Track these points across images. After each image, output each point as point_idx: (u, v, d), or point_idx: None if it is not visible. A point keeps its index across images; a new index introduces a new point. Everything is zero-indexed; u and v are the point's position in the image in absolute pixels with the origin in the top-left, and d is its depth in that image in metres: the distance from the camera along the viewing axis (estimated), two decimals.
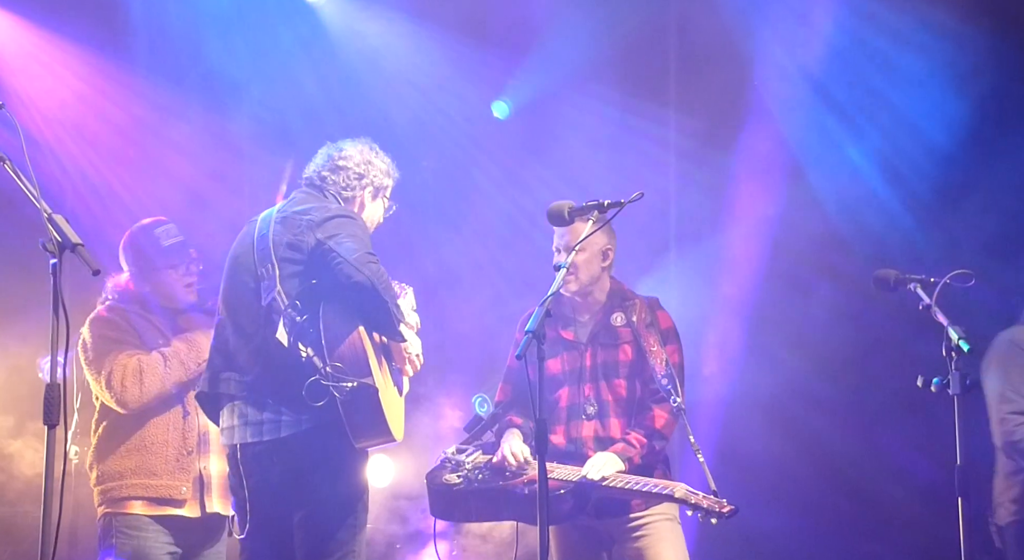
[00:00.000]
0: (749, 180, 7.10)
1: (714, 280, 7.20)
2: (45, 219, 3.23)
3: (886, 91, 6.81)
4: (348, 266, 3.85)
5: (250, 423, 3.96)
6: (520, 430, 4.58)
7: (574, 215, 4.07)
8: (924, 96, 6.63)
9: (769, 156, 7.00)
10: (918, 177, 6.67)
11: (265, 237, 4.03)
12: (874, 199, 6.77)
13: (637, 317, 4.58)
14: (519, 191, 7.69)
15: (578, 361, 4.60)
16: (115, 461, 4.71)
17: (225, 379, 4.01)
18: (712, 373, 6.91)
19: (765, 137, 7.01)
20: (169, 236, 4.91)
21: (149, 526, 4.68)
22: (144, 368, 4.66)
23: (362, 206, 4.27)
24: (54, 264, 3.20)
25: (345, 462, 3.97)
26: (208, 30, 7.06)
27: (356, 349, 3.89)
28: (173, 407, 4.74)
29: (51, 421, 3.19)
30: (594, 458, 4.39)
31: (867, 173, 6.83)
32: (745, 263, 7.15)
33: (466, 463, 4.50)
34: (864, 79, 6.86)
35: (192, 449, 4.74)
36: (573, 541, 4.58)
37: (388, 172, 4.36)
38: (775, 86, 7.05)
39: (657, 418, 4.46)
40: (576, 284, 4.59)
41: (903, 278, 4.28)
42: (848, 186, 6.82)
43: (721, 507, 4.14)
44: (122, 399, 4.65)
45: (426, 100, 7.66)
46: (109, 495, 4.71)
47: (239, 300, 4.04)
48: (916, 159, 6.69)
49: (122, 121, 7.01)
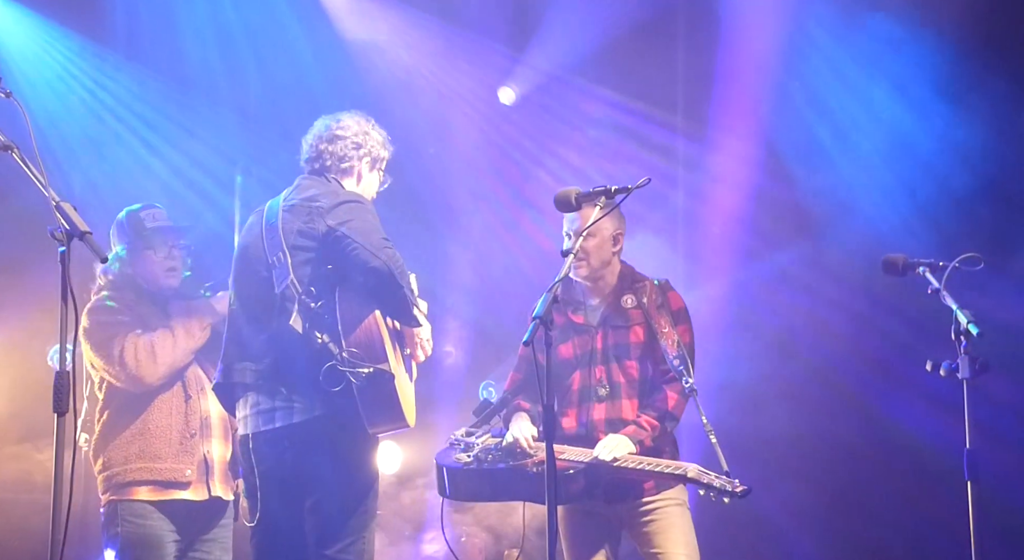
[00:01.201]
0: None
1: (718, 263, 7.24)
2: (53, 207, 3.23)
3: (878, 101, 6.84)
4: (364, 252, 3.85)
5: (262, 411, 3.98)
6: (528, 414, 4.58)
7: (581, 201, 4.06)
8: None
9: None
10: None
11: (274, 226, 4.03)
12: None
13: (648, 299, 4.59)
14: (525, 178, 7.72)
15: (589, 344, 4.60)
16: (119, 447, 4.73)
17: (240, 369, 4.01)
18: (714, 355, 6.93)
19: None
20: (154, 219, 4.92)
21: (153, 514, 4.70)
22: (156, 342, 4.71)
23: (359, 177, 4.26)
24: (62, 252, 3.20)
25: (357, 449, 3.98)
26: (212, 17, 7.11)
27: (372, 335, 3.89)
28: (175, 391, 4.76)
29: (60, 409, 3.19)
30: (605, 439, 4.39)
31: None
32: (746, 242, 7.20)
33: (476, 444, 4.52)
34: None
35: (195, 432, 4.76)
36: (581, 525, 4.58)
37: (384, 144, 4.35)
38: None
39: (669, 399, 4.47)
40: (587, 269, 4.59)
41: (912, 262, 4.28)
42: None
43: (734, 487, 4.14)
44: (139, 374, 4.68)
45: (430, 86, 7.68)
46: (114, 481, 4.73)
47: (251, 289, 4.05)
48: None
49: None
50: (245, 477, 4.10)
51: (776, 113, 7.08)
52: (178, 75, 7.16)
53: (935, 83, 6.52)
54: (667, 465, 4.31)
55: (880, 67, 6.78)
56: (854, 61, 6.89)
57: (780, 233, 7.18)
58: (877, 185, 6.78)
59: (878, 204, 6.73)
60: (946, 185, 6.49)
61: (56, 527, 3.13)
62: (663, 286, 4.66)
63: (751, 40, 7.14)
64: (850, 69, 6.92)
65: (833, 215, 6.88)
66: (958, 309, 3.96)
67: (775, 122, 7.10)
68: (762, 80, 7.11)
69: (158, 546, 4.72)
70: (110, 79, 7.11)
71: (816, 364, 6.90)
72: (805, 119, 7.03)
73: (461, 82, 7.79)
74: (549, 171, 7.70)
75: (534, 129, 7.83)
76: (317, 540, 3.95)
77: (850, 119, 6.96)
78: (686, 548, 4.45)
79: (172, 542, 4.75)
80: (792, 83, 7.02)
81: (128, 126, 7.09)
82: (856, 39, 6.81)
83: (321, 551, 3.93)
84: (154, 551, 4.71)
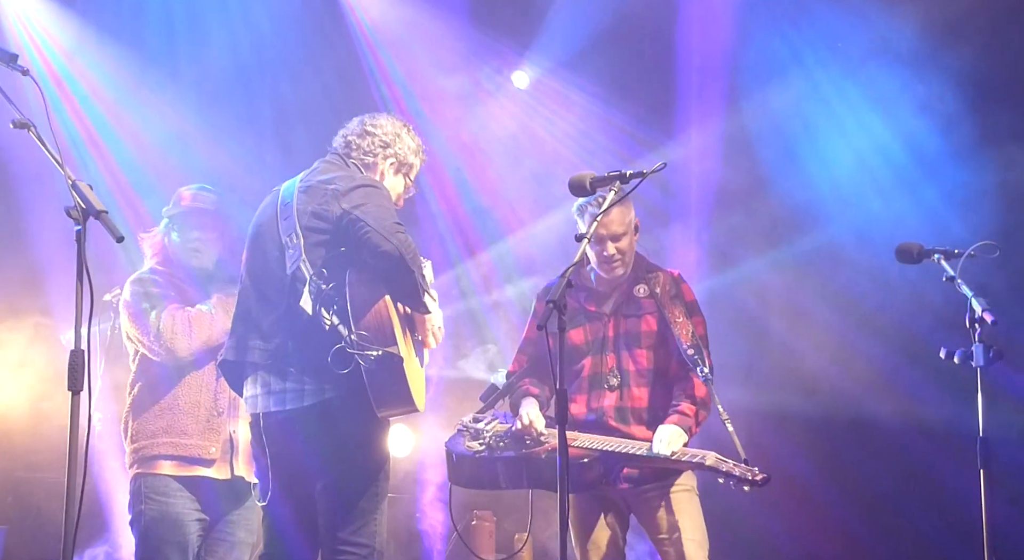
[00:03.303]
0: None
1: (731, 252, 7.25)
2: (69, 186, 3.23)
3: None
4: (376, 235, 3.84)
5: (272, 392, 3.97)
6: (537, 399, 4.58)
7: (595, 186, 4.06)
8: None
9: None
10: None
11: (289, 206, 4.03)
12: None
13: (661, 289, 4.58)
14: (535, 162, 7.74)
15: (601, 331, 4.59)
16: (147, 420, 4.80)
17: (250, 348, 4.01)
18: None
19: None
20: (194, 199, 4.98)
21: (177, 492, 4.75)
22: (193, 317, 4.79)
23: (382, 176, 4.24)
24: (78, 231, 3.21)
25: (367, 431, 3.97)
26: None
27: (381, 318, 3.89)
28: (207, 369, 4.80)
29: (75, 387, 3.20)
30: (659, 432, 4.35)
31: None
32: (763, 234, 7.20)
33: (485, 431, 4.51)
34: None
35: (223, 411, 4.82)
36: (589, 509, 4.57)
37: (416, 152, 4.32)
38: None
39: (697, 387, 4.44)
40: (623, 267, 4.59)
41: (926, 250, 4.27)
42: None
43: (753, 475, 4.13)
44: (172, 346, 4.75)
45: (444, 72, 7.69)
46: (140, 454, 4.79)
47: (263, 269, 4.05)
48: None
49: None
50: (256, 458, 4.11)
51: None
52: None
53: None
54: (684, 453, 4.30)
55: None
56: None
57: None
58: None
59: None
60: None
61: (70, 504, 3.14)
62: (676, 278, 4.66)
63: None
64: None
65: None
66: (973, 297, 3.95)
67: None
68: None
69: (181, 525, 4.76)
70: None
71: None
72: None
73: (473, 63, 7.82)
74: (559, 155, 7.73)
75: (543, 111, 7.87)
76: (329, 523, 3.95)
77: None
78: (695, 534, 4.44)
79: (195, 521, 4.79)
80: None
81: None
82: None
83: (334, 533, 3.92)
84: (177, 530, 4.75)
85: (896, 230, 5.93)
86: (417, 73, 7.65)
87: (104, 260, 5.90)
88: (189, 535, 4.77)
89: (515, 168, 7.73)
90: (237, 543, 4.91)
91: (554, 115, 7.86)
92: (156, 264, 5.00)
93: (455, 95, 7.69)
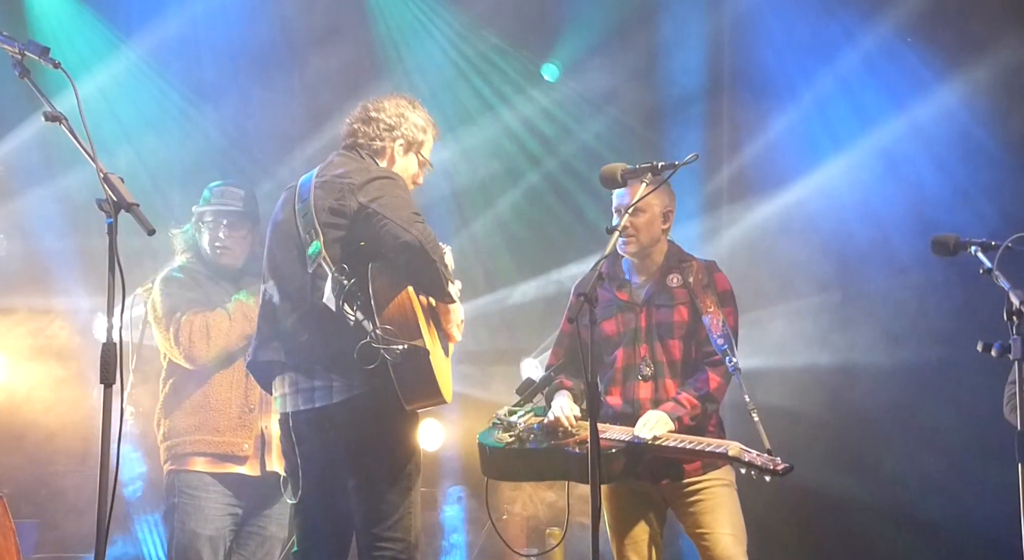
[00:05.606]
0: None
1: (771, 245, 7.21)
2: (100, 179, 3.22)
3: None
4: (395, 226, 3.83)
5: (301, 390, 3.96)
6: (571, 392, 4.57)
7: (627, 177, 4.03)
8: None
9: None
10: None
11: (306, 202, 4.00)
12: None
13: (694, 278, 4.55)
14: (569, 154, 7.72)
15: (633, 322, 4.57)
16: (180, 418, 4.84)
17: (275, 347, 4.01)
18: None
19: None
20: (223, 196, 4.99)
21: (211, 486, 4.79)
22: (211, 324, 4.81)
23: (392, 160, 4.19)
24: (109, 223, 3.21)
25: (397, 426, 3.96)
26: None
27: (405, 311, 3.87)
28: (236, 365, 4.81)
29: (108, 380, 3.19)
30: (645, 416, 4.37)
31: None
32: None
33: (518, 424, 4.50)
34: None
35: (254, 407, 4.84)
36: (627, 504, 4.56)
37: (424, 128, 4.25)
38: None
39: (711, 381, 4.43)
40: (636, 245, 4.56)
41: (963, 242, 4.21)
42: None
43: (775, 465, 4.11)
44: (190, 355, 4.80)
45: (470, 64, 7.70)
46: (173, 451, 4.83)
47: (284, 267, 4.03)
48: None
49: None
50: (286, 455, 4.10)
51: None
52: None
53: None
54: (707, 443, 4.28)
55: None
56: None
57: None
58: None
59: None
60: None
61: (103, 498, 3.14)
62: (710, 267, 4.63)
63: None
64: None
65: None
66: (1011, 289, 3.90)
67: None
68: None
69: (214, 519, 4.79)
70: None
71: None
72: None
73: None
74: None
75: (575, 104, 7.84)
76: (364, 519, 3.93)
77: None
78: (732, 528, 4.42)
79: (228, 515, 4.82)
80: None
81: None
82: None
83: (369, 529, 3.91)
84: (210, 524, 4.79)
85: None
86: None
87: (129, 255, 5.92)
88: (221, 529, 4.80)
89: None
90: (269, 537, 4.93)
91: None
92: (185, 261, 5.02)
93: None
